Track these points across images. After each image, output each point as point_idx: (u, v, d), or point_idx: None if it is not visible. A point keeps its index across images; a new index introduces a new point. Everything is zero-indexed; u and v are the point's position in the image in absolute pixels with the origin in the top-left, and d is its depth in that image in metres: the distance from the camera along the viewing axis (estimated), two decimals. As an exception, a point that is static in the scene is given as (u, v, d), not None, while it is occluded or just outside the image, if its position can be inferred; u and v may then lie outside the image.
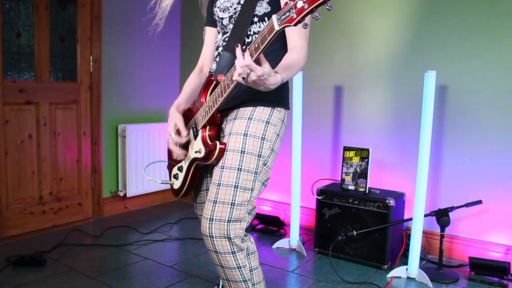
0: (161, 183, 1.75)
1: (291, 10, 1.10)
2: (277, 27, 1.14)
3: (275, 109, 1.47)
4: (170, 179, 1.75)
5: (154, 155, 3.38)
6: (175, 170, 1.67)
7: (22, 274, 2.18)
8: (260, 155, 1.42)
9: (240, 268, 1.41)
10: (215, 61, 1.55)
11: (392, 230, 2.33)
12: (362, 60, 2.77)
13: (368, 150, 2.45)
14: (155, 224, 3.04)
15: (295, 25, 1.11)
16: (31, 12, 2.68)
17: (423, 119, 2.15)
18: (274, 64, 1.36)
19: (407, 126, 2.62)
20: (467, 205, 2.27)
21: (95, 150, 3.09)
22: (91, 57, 3.01)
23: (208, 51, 1.68)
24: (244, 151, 1.39)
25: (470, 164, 2.44)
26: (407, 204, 2.53)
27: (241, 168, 1.39)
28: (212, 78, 1.48)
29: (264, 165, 1.44)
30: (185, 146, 1.63)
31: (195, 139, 1.53)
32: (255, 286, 1.45)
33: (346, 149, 2.52)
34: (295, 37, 1.40)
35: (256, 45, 1.20)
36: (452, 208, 2.25)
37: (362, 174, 2.46)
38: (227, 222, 1.36)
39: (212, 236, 1.37)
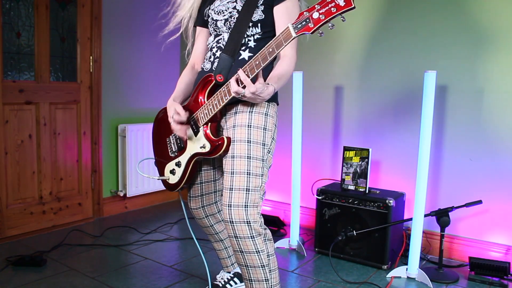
0: (158, 179, 1.82)
1: (308, 20, 1.24)
2: (294, 34, 1.27)
3: (271, 103, 1.61)
4: (160, 175, 1.83)
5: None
6: (171, 165, 1.75)
7: (22, 274, 2.18)
8: (264, 143, 1.55)
9: (259, 252, 1.52)
10: (210, 61, 1.65)
11: (392, 230, 2.33)
12: (362, 60, 2.77)
13: (368, 150, 2.45)
14: (155, 224, 3.04)
15: (312, 33, 1.25)
16: (31, 12, 2.68)
17: (423, 119, 2.15)
18: (267, 73, 1.53)
19: (407, 126, 2.62)
20: (467, 205, 2.27)
21: (95, 150, 3.09)
22: (91, 57, 3.01)
23: (199, 51, 1.79)
24: (250, 141, 1.53)
25: (470, 164, 2.44)
26: (407, 204, 2.53)
27: (250, 156, 1.51)
28: (211, 78, 1.58)
29: (268, 153, 1.58)
30: (179, 144, 1.72)
31: (195, 135, 1.62)
32: (272, 272, 1.56)
33: (346, 149, 2.52)
34: (287, 46, 1.47)
35: (270, 49, 1.33)
36: (452, 208, 2.25)
37: (362, 174, 2.46)
38: (245, 207, 1.49)
39: (233, 221, 1.49)
